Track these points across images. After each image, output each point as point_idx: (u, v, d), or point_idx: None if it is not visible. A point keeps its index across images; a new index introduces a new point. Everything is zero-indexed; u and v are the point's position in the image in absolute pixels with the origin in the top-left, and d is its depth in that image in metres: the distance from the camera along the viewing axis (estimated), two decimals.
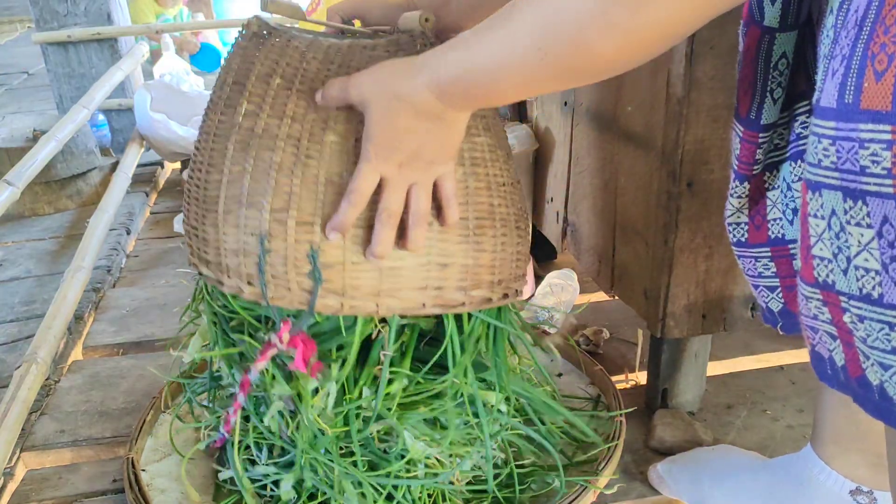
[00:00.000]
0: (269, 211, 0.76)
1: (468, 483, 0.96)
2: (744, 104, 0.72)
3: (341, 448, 0.88)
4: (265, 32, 0.82)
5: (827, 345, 0.61)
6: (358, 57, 0.79)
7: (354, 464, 0.86)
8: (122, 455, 1.12)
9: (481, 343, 0.88)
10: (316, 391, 0.84)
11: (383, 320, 0.84)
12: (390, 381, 0.85)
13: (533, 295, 1.45)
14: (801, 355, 1.33)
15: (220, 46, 4.38)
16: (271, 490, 0.93)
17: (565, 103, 1.31)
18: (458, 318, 0.86)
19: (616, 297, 1.22)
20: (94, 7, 2.49)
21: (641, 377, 1.26)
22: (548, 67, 0.58)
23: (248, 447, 0.95)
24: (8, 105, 3.64)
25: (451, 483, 0.92)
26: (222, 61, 0.86)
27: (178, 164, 2.50)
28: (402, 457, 0.87)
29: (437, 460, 0.89)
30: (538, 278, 1.49)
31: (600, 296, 1.51)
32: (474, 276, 0.81)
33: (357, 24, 0.90)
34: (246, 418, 0.94)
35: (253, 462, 0.95)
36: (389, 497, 0.88)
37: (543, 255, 1.63)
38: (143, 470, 1.04)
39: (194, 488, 0.98)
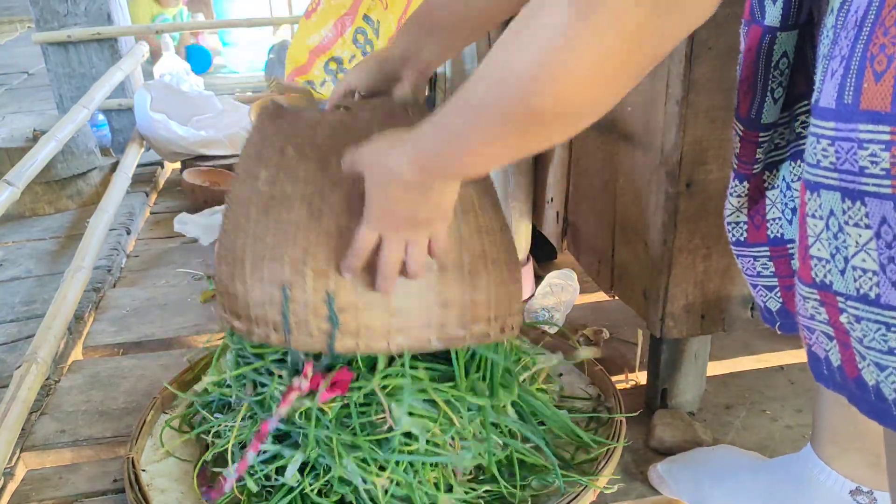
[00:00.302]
0: (289, 263, 0.84)
1: (471, 479, 0.96)
2: (744, 103, 0.72)
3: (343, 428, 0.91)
4: (279, 113, 0.94)
5: (823, 345, 0.61)
6: (358, 127, 0.89)
7: (354, 434, 0.89)
8: (123, 455, 1.12)
9: (481, 372, 0.95)
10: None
11: None
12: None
13: (533, 295, 1.45)
14: (801, 355, 1.33)
15: (220, 47, 4.38)
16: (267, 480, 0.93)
17: None
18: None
19: (616, 297, 1.22)
20: (94, 7, 2.49)
21: (641, 377, 1.26)
22: (506, 129, 0.59)
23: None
24: (8, 105, 3.64)
25: (453, 473, 0.93)
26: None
27: (178, 164, 2.50)
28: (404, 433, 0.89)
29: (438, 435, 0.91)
30: (538, 278, 1.49)
31: (600, 296, 1.51)
32: (473, 312, 0.88)
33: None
34: (252, 415, 0.96)
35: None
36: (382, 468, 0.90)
37: (543, 255, 1.63)
38: (144, 470, 1.04)
39: (192, 488, 0.99)
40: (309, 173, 0.86)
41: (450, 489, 0.93)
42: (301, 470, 0.92)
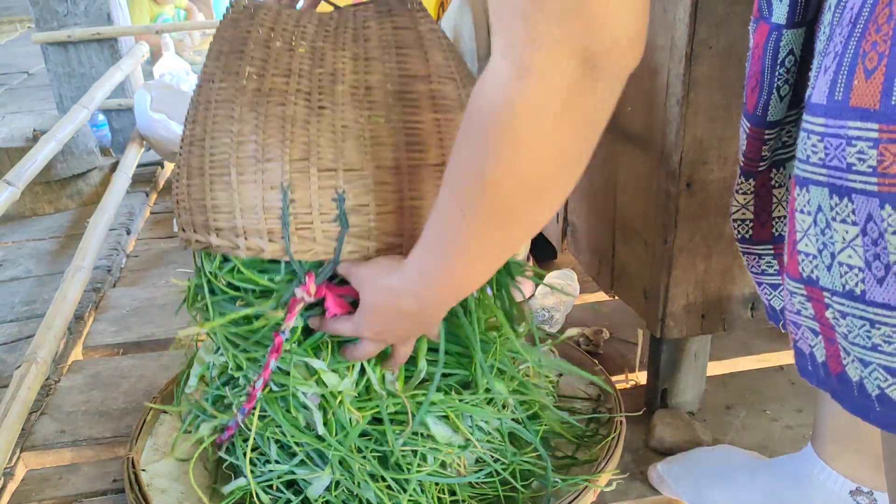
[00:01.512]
0: (289, 162, 0.75)
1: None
2: (751, 100, 0.72)
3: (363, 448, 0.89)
4: (255, 6, 0.83)
5: (809, 340, 0.61)
6: (351, 20, 0.80)
7: (378, 458, 0.88)
8: (123, 455, 1.12)
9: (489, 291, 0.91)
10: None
11: None
12: (409, 377, 0.89)
13: (533, 295, 1.45)
14: None
15: None
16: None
17: None
18: None
19: (616, 297, 1.22)
20: (94, 7, 2.49)
21: (641, 377, 1.26)
22: (479, 219, 0.58)
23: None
24: (8, 105, 3.64)
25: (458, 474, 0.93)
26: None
27: None
28: (422, 455, 0.88)
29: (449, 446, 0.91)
30: None
31: (600, 296, 1.51)
32: None
33: None
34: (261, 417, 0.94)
35: (265, 461, 0.94)
36: (402, 489, 0.89)
37: (543, 255, 1.63)
38: (144, 470, 1.04)
39: (192, 488, 0.98)
40: (304, 66, 0.77)
41: (453, 494, 0.92)
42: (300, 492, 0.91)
